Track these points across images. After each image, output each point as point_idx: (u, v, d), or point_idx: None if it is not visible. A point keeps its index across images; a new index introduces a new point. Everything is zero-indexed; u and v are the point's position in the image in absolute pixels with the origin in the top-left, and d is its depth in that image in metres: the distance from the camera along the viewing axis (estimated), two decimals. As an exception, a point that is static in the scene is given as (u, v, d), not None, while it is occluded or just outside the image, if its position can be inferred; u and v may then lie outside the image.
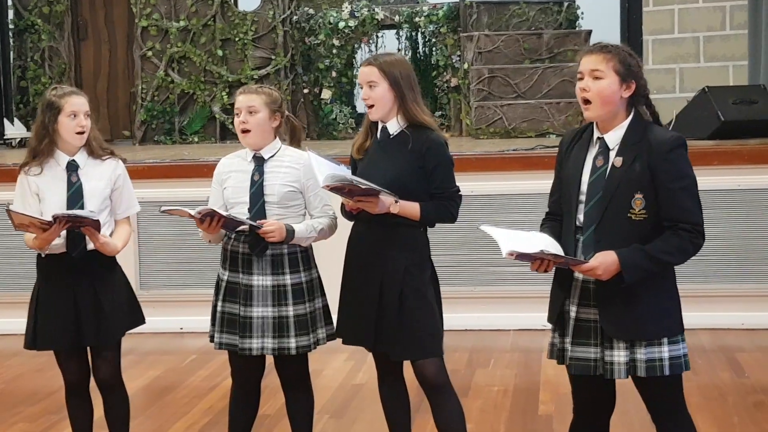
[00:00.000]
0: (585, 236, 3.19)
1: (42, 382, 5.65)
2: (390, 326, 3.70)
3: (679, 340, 3.22)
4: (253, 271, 3.89)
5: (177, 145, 9.34)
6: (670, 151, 3.13)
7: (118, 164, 4.05)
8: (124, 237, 4.04)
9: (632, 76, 3.19)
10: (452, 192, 3.77)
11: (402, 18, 9.39)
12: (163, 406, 5.17)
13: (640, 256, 3.11)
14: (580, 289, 3.24)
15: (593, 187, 3.19)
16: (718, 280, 6.38)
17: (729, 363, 5.66)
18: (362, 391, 5.29)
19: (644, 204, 3.13)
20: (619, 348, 3.17)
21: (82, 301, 3.93)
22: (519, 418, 4.85)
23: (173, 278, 6.76)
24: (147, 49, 9.54)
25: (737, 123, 6.97)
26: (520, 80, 8.43)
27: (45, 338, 3.98)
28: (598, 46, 3.24)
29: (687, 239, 3.14)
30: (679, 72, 8.56)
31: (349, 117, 9.40)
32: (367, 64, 3.78)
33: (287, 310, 3.89)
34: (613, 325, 3.17)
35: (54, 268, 3.97)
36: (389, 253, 3.71)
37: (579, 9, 9.44)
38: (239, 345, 3.89)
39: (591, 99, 3.19)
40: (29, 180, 3.96)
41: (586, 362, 3.22)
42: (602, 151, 3.21)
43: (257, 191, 3.89)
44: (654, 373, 3.17)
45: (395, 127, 3.76)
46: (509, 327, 6.40)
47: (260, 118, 3.91)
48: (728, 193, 6.32)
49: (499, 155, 6.74)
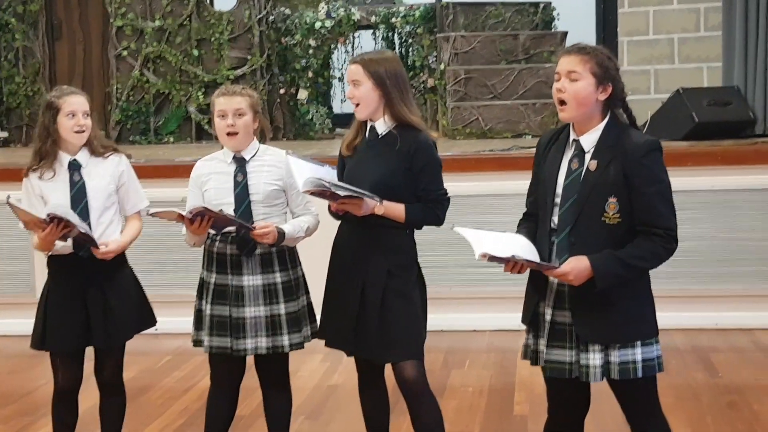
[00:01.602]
0: (559, 238, 3.20)
1: (15, 383, 5.61)
2: (370, 329, 3.68)
3: (653, 342, 3.23)
4: (243, 271, 3.87)
5: (152, 146, 9.30)
6: (644, 156, 3.13)
7: (121, 160, 4.05)
8: (131, 232, 4.04)
9: (609, 78, 3.19)
10: (439, 194, 3.74)
11: (378, 18, 9.39)
12: (137, 407, 5.15)
13: (613, 262, 3.11)
14: (555, 293, 3.25)
15: (568, 189, 3.20)
16: (691, 281, 6.42)
17: (703, 363, 5.69)
18: (338, 392, 5.28)
19: (618, 208, 3.13)
20: (594, 351, 3.18)
21: (91, 302, 3.92)
22: (494, 419, 4.86)
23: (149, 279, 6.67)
24: (122, 49, 9.49)
25: (711, 124, 7.01)
26: (496, 81, 8.44)
27: (54, 339, 3.96)
28: (576, 47, 3.23)
29: (660, 244, 3.15)
30: (654, 73, 8.60)
31: (325, 117, 9.39)
32: (353, 62, 3.77)
33: (279, 308, 3.89)
34: (587, 329, 3.18)
35: (63, 268, 3.96)
36: (372, 256, 3.70)
37: (555, 10, 9.47)
38: (233, 346, 3.87)
39: (566, 100, 3.19)
40: (32, 183, 3.96)
41: (562, 365, 3.23)
42: (578, 154, 3.21)
43: (242, 191, 3.88)
44: (627, 376, 3.18)
45: (383, 126, 3.74)
46: (485, 328, 6.42)
47: (247, 121, 3.91)
48: (702, 194, 6.35)
49: (475, 156, 6.75)
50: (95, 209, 3.93)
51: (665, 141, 7.08)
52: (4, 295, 6.77)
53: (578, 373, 3.21)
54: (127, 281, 4.05)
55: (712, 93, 7.34)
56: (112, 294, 3.95)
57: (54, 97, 3.95)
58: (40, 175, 3.95)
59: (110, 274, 3.96)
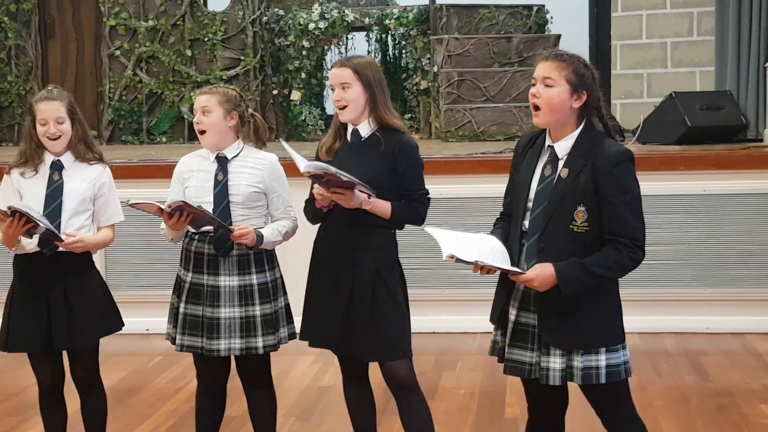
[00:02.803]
0: (529, 243, 3.23)
1: (4, 383, 5.59)
2: (360, 328, 3.69)
3: (619, 348, 3.24)
4: (220, 271, 3.87)
5: (145, 145, 9.28)
6: (614, 166, 3.14)
7: (104, 171, 4.02)
8: (100, 237, 4.00)
9: (584, 87, 3.19)
10: (421, 194, 3.78)
11: (372, 20, 9.39)
12: (127, 407, 5.14)
13: (578, 270, 3.12)
14: (521, 294, 3.27)
15: (540, 195, 3.22)
16: (682, 285, 6.43)
17: (693, 367, 5.70)
18: (328, 394, 5.28)
19: (586, 216, 3.15)
20: (555, 355, 3.20)
21: (54, 304, 3.88)
22: (485, 421, 4.86)
23: (139, 279, 6.72)
24: (115, 49, 9.47)
25: (704, 128, 7.03)
26: (489, 84, 8.45)
27: (17, 340, 3.94)
28: (553, 54, 3.24)
29: (626, 254, 3.15)
30: (647, 77, 8.61)
31: (318, 118, 9.39)
32: (341, 65, 3.76)
33: (254, 309, 3.88)
34: (551, 333, 3.20)
35: (27, 268, 3.93)
36: (360, 254, 3.71)
37: (548, 13, 9.49)
38: (205, 346, 3.87)
39: (540, 105, 3.20)
40: (12, 178, 3.96)
41: (521, 365, 3.26)
42: (551, 160, 3.24)
43: (221, 191, 3.88)
44: (590, 381, 3.20)
45: (366, 129, 3.76)
46: (476, 330, 6.41)
47: (214, 118, 3.90)
48: (694, 198, 6.36)
49: (468, 158, 6.75)
50: (67, 210, 3.90)
51: (657, 145, 7.13)
52: None
53: (537, 375, 3.23)
54: (92, 283, 4.00)
55: (704, 97, 7.36)
56: (75, 296, 3.90)
57: (33, 101, 3.96)
58: (22, 172, 3.95)
59: (75, 276, 3.92)
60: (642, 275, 6.56)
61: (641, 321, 6.34)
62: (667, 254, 6.31)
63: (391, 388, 3.76)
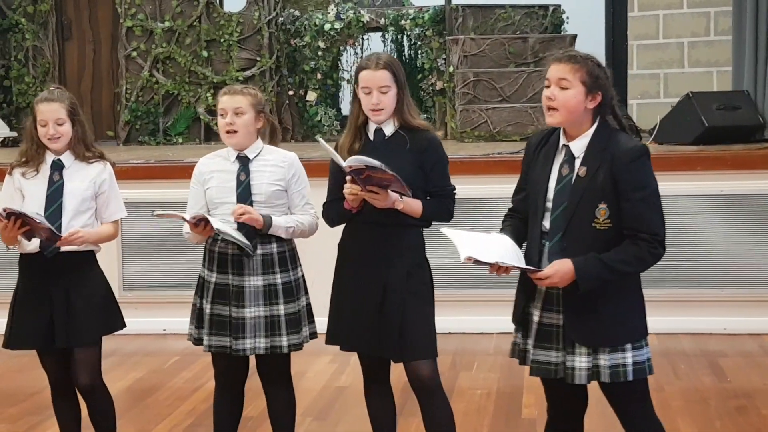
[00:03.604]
0: (551, 243, 3.22)
1: (22, 382, 5.62)
2: (391, 329, 3.67)
3: (643, 345, 3.25)
4: (244, 271, 3.88)
5: (161, 146, 9.30)
6: (631, 161, 3.15)
7: (105, 168, 4.03)
8: (101, 232, 4.00)
9: (599, 87, 3.20)
10: (449, 190, 3.79)
11: (388, 21, 9.39)
12: (145, 407, 5.15)
13: (596, 264, 3.13)
14: (544, 294, 3.27)
15: (559, 196, 3.22)
16: (700, 285, 6.41)
17: (711, 368, 5.68)
18: (345, 394, 5.28)
19: (608, 213, 3.16)
20: (581, 353, 3.20)
21: (56, 303, 3.91)
22: (502, 422, 4.86)
23: (156, 279, 6.74)
24: (132, 50, 9.50)
25: (721, 128, 7.00)
26: (505, 84, 8.44)
27: (19, 338, 3.97)
28: (567, 56, 3.23)
29: (645, 249, 3.15)
30: (664, 77, 8.58)
31: (334, 119, 9.39)
32: (377, 67, 3.67)
33: (278, 309, 3.90)
34: (577, 332, 3.20)
35: (31, 267, 3.96)
36: (392, 255, 3.70)
37: (564, 14, 9.46)
38: (232, 346, 3.88)
39: (556, 107, 3.20)
40: (14, 178, 3.98)
41: (547, 366, 3.26)
42: (568, 160, 3.24)
43: (244, 191, 3.89)
44: (618, 379, 3.20)
45: (390, 128, 3.75)
46: (493, 330, 6.41)
47: (247, 120, 3.91)
48: (711, 199, 6.34)
49: (484, 158, 6.75)
50: (69, 211, 3.91)
51: (675, 145, 7.11)
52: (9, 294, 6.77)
53: (563, 375, 3.23)
54: (94, 283, 4.01)
55: (721, 97, 7.33)
56: (76, 294, 3.92)
57: (34, 101, 3.97)
58: (24, 172, 3.97)
59: (77, 275, 3.95)
60: (659, 275, 6.56)
61: (658, 321, 6.23)
62: (684, 254, 6.29)
63: (414, 387, 3.76)
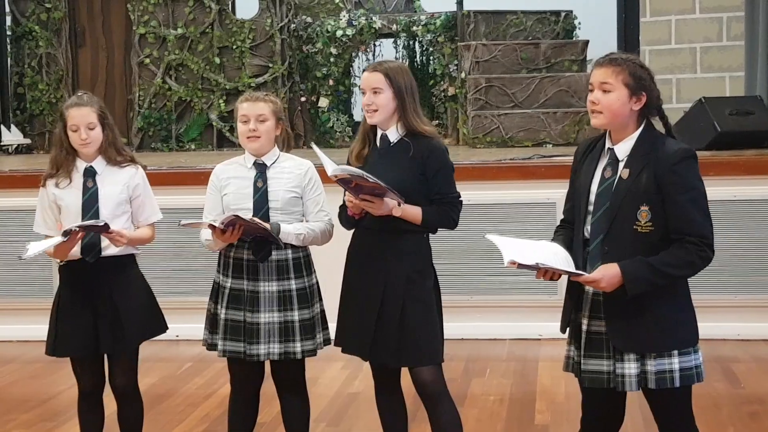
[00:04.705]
0: (592, 247, 3.18)
1: (37, 388, 5.63)
2: (390, 334, 3.69)
3: (691, 352, 3.21)
4: (259, 277, 3.90)
5: (174, 153, 9.34)
6: (677, 163, 3.11)
7: (137, 172, 4.05)
8: (139, 234, 4.03)
9: (643, 88, 3.16)
10: (453, 197, 3.78)
11: (399, 27, 9.41)
12: (158, 413, 5.16)
13: (644, 268, 3.08)
14: (590, 302, 3.22)
15: (601, 198, 3.18)
16: (713, 291, 6.37)
17: (724, 373, 5.66)
18: (358, 400, 5.28)
19: (650, 216, 3.11)
20: (630, 360, 3.15)
21: (100, 308, 3.93)
22: (515, 428, 4.85)
23: (168, 285, 6.74)
24: (144, 57, 9.54)
25: (734, 134, 6.98)
26: (517, 90, 8.44)
27: (64, 345, 3.99)
28: (608, 59, 3.20)
29: (694, 252, 3.10)
30: (676, 83, 8.58)
31: (346, 125, 9.41)
32: (373, 69, 3.77)
33: (293, 314, 3.91)
34: (620, 338, 3.15)
35: (73, 274, 3.98)
36: (392, 261, 3.71)
37: (576, 19, 9.46)
38: (247, 351, 3.89)
39: (601, 111, 3.17)
40: (48, 191, 3.99)
41: (599, 375, 3.20)
42: (611, 162, 3.20)
43: (261, 198, 3.91)
44: (664, 385, 3.15)
45: (395, 135, 3.77)
46: (505, 336, 6.40)
47: (269, 126, 3.94)
48: (724, 204, 6.31)
49: (496, 164, 6.74)
50: (105, 216, 3.92)
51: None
52: (25, 301, 6.80)
53: (615, 383, 3.18)
54: (136, 287, 4.05)
55: (734, 102, 7.31)
56: (120, 300, 3.95)
57: (63, 107, 3.98)
58: (57, 182, 3.98)
59: (119, 280, 3.97)
60: (672, 281, 6.54)
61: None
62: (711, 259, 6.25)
63: (419, 393, 3.77)
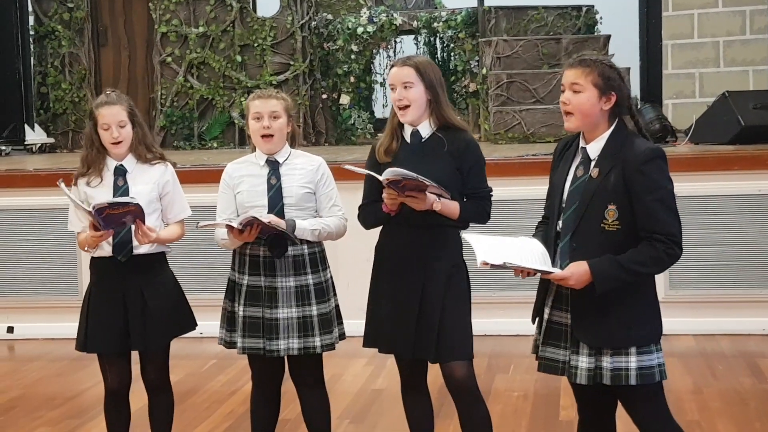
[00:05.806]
0: (562, 243, 3.26)
1: (62, 386, 5.67)
2: (429, 330, 3.68)
3: (653, 350, 3.24)
4: (276, 273, 3.90)
5: (196, 151, 9.37)
6: (644, 163, 3.17)
7: (167, 169, 4.07)
8: (169, 231, 4.05)
9: (612, 88, 3.24)
10: (486, 192, 3.80)
11: (420, 23, 9.39)
12: (183, 410, 5.18)
13: (612, 266, 3.15)
14: (554, 293, 3.31)
15: (572, 196, 3.26)
16: (739, 286, 6.34)
17: (750, 369, 5.63)
18: (382, 397, 5.29)
19: (617, 215, 3.18)
20: (583, 354, 3.23)
21: (130, 305, 3.96)
22: (540, 424, 4.84)
23: (192, 283, 6.74)
24: (166, 55, 9.58)
25: (758, 128, 6.94)
26: (538, 85, 8.41)
27: (95, 341, 4.01)
28: (578, 60, 3.31)
29: (662, 250, 3.16)
30: (699, 77, 8.52)
31: (367, 122, 9.41)
32: (402, 64, 3.75)
33: (311, 309, 3.92)
34: (582, 331, 3.23)
35: (104, 271, 4.00)
36: (431, 256, 3.71)
37: (598, 14, 9.42)
38: (266, 347, 3.90)
39: (572, 111, 3.26)
40: (79, 190, 4.01)
41: (555, 363, 3.32)
42: (584, 162, 3.28)
43: (275, 194, 3.91)
44: (619, 382, 3.20)
45: (427, 130, 3.76)
46: (529, 332, 6.33)
47: (282, 123, 3.95)
48: (749, 199, 6.28)
49: (518, 160, 6.73)
50: None
51: (711, 145, 7.05)
52: (51, 299, 6.85)
53: (568, 374, 3.27)
54: (166, 284, 4.07)
55: (758, 96, 7.27)
56: (151, 297, 3.97)
57: (93, 106, 4.00)
58: (88, 181, 4.00)
59: (150, 277, 4.00)
60: (697, 276, 6.50)
61: (696, 323, 6.28)
62: (722, 255, 6.23)
63: (450, 389, 3.75)
